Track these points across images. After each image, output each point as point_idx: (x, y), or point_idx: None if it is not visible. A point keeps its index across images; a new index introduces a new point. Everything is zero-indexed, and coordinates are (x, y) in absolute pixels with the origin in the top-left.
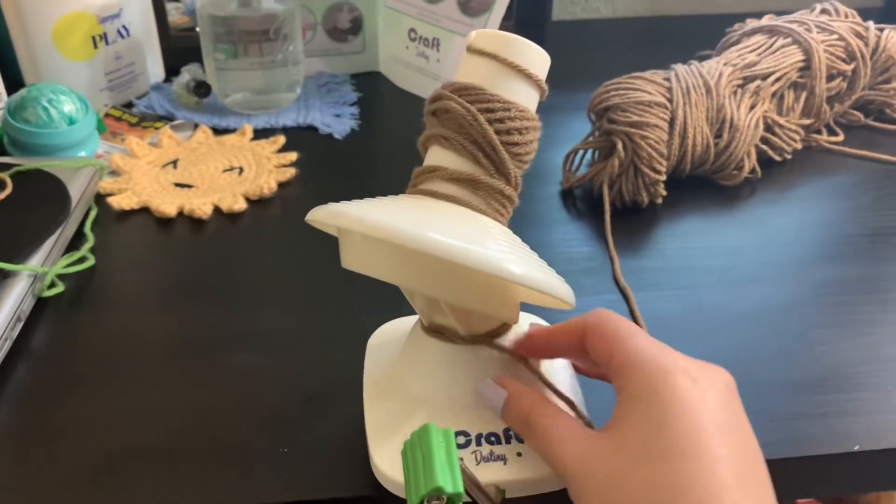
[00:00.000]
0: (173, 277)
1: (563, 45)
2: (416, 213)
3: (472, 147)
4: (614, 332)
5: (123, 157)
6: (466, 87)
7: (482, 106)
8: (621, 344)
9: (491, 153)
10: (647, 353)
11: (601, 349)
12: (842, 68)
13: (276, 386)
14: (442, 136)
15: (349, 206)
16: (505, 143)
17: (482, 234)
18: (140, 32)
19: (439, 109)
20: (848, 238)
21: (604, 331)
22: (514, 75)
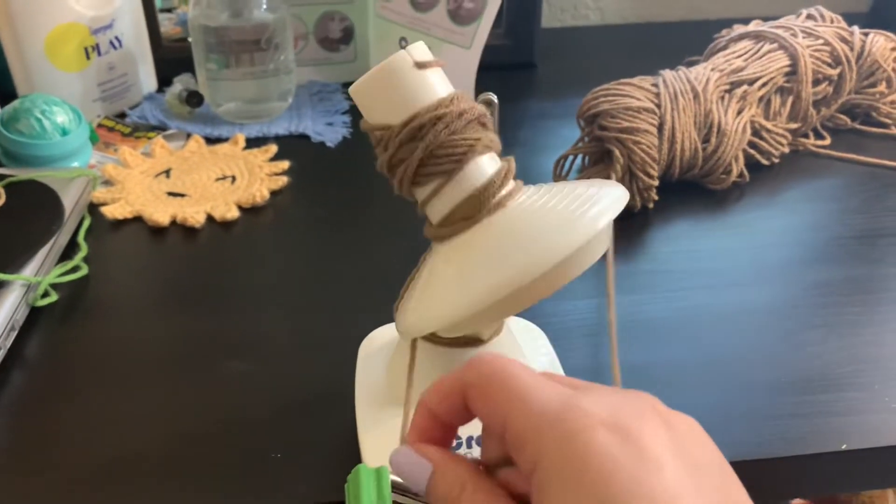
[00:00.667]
0: (166, 286)
1: (553, 53)
2: (515, 239)
3: (490, 145)
4: (499, 389)
5: (116, 167)
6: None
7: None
8: (513, 404)
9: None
10: (549, 410)
11: (490, 415)
12: (828, 73)
13: (269, 392)
14: (485, 145)
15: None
16: None
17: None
18: (132, 43)
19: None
20: (835, 240)
21: (487, 390)
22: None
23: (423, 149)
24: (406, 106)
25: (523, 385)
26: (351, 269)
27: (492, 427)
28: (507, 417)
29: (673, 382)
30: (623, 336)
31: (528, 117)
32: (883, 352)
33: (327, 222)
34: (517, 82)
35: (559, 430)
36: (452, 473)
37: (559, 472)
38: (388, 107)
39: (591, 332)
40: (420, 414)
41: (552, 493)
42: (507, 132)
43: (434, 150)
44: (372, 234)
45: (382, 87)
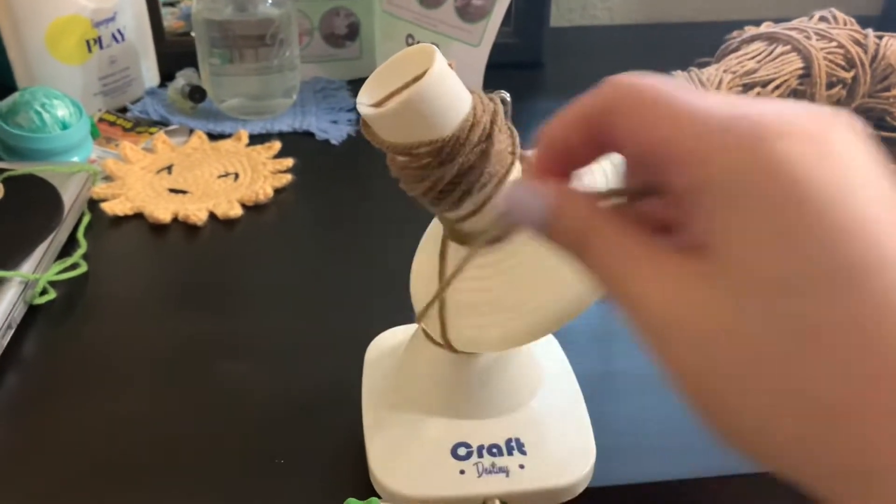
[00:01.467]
0: (167, 284)
1: (561, 53)
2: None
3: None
4: (653, 103)
5: (117, 163)
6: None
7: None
8: (673, 119)
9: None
10: (722, 116)
11: (637, 137)
12: (842, 75)
13: (273, 394)
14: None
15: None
16: None
17: None
18: (135, 37)
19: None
20: None
21: (637, 107)
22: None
23: (452, 174)
24: (431, 134)
25: (683, 96)
26: (355, 269)
27: (637, 153)
28: (663, 133)
29: None
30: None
31: (535, 117)
32: None
33: (331, 221)
34: (524, 81)
35: (736, 138)
36: (579, 204)
37: (735, 187)
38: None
39: (601, 335)
40: (538, 152)
41: (726, 214)
42: None
43: (459, 177)
44: (376, 234)
45: (418, 111)
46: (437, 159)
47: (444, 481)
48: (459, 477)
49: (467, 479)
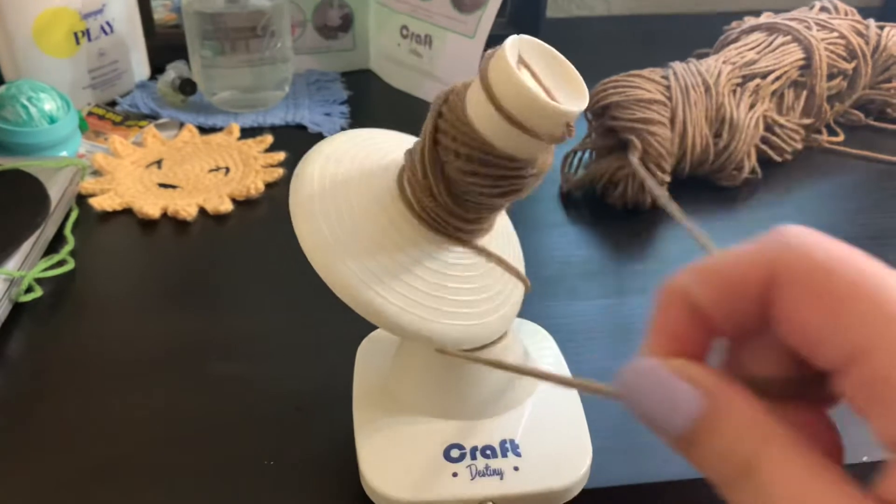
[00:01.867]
0: (156, 281)
1: (557, 44)
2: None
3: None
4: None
5: (106, 157)
6: None
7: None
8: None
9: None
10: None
11: (816, 324)
12: (843, 67)
13: (263, 394)
14: None
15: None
16: None
17: None
18: (124, 29)
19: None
20: (849, 241)
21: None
22: None
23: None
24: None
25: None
26: None
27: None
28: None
29: None
30: (629, 339)
31: None
32: None
33: None
34: None
35: None
36: (750, 421)
37: None
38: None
39: (598, 334)
40: (668, 309)
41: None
42: None
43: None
44: None
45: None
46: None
47: (435, 484)
48: (452, 479)
49: (460, 481)
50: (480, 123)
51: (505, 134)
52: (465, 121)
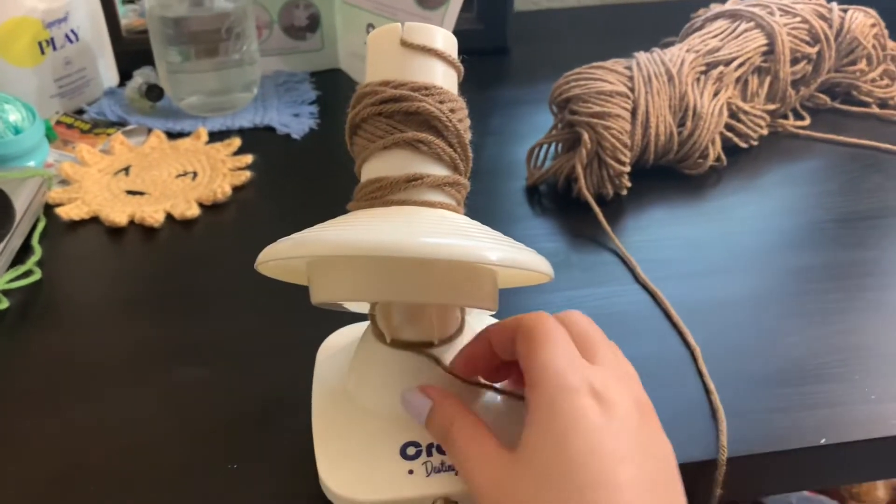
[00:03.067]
0: (124, 289)
1: (527, 37)
2: (395, 223)
3: (450, 150)
4: (532, 339)
5: (74, 166)
6: (427, 85)
7: (449, 105)
8: (534, 354)
9: (461, 153)
10: (554, 367)
11: (521, 358)
12: (806, 51)
13: (228, 399)
14: (418, 140)
15: (321, 233)
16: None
17: (461, 230)
18: (90, 36)
19: (400, 111)
20: (815, 225)
21: (527, 335)
22: (448, 66)
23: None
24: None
25: (550, 339)
26: None
27: (522, 367)
28: (527, 360)
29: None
30: None
31: (500, 104)
32: (863, 340)
33: (293, 218)
34: (490, 68)
35: (556, 384)
36: (446, 408)
37: (548, 414)
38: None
39: None
40: (477, 341)
41: (539, 427)
42: (478, 120)
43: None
44: None
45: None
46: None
47: (392, 483)
48: (408, 477)
49: (416, 479)
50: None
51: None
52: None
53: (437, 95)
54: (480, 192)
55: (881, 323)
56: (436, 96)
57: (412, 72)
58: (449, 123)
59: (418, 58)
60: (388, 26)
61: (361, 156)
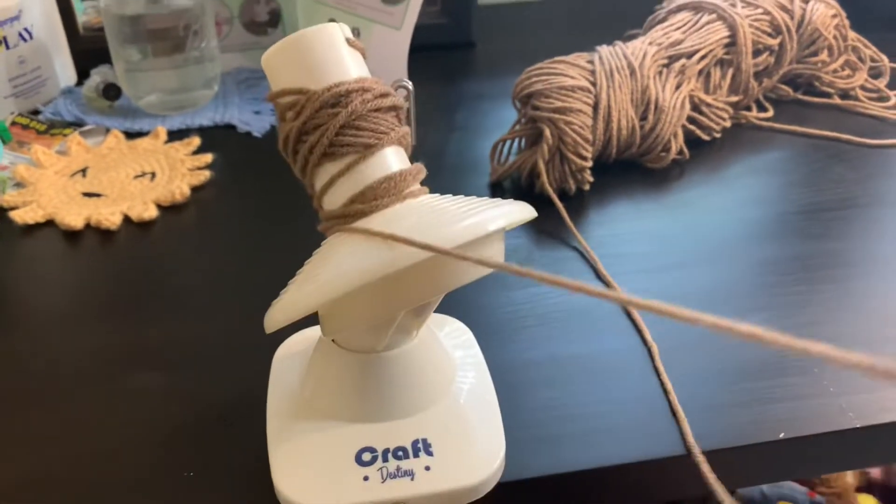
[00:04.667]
0: (80, 294)
1: (492, 31)
2: (399, 228)
3: (402, 140)
4: None
5: (29, 168)
6: (362, 81)
7: (388, 100)
8: None
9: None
10: None
11: None
12: (768, 43)
13: (186, 404)
14: (402, 136)
15: (347, 263)
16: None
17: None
18: (44, 34)
19: (392, 106)
20: (779, 216)
21: None
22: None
23: (346, 115)
24: (332, 72)
25: None
26: (278, 269)
27: None
28: None
29: (606, 374)
30: (558, 326)
31: (465, 99)
32: (823, 332)
33: (254, 219)
34: (454, 63)
35: None
36: None
37: None
38: (312, 71)
39: (528, 322)
40: None
41: None
42: (443, 115)
43: (356, 120)
44: (301, 231)
45: (311, 49)
46: (293, 110)
47: (346, 490)
48: (363, 484)
49: (371, 485)
50: None
51: None
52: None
53: (376, 89)
54: (445, 188)
55: (842, 315)
56: (374, 90)
57: (360, 68)
58: (404, 111)
59: (357, 54)
60: (325, 27)
61: (350, 157)
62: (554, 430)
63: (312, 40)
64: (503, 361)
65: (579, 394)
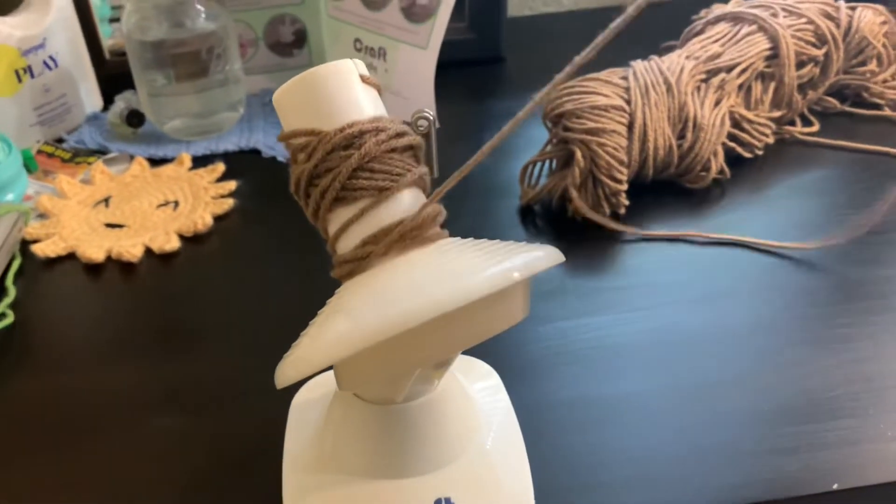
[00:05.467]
0: (100, 331)
1: (522, 45)
2: (415, 278)
3: (419, 181)
4: None
5: (52, 199)
6: (376, 120)
7: (405, 139)
8: None
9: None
10: None
11: None
12: (812, 53)
13: (205, 449)
14: (420, 176)
15: (369, 313)
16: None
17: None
18: (69, 62)
19: (409, 145)
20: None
21: None
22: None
23: (359, 157)
24: (344, 112)
25: None
26: (301, 302)
27: None
28: None
29: (641, 415)
30: (589, 364)
31: (493, 117)
32: (877, 369)
33: (277, 248)
34: (484, 78)
35: None
36: None
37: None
38: (323, 111)
39: (557, 361)
40: None
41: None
42: (472, 135)
43: (369, 163)
44: (328, 259)
45: (322, 88)
46: (305, 152)
47: None
48: None
49: None
50: None
51: None
52: None
53: (391, 129)
54: (473, 212)
55: (893, 352)
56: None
57: (375, 106)
58: (423, 150)
59: (372, 91)
60: (338, 64)
61: (364, 201)
62: (586, 478)
63: (324, 79)
64: (532, 402)
65: (612, 439)
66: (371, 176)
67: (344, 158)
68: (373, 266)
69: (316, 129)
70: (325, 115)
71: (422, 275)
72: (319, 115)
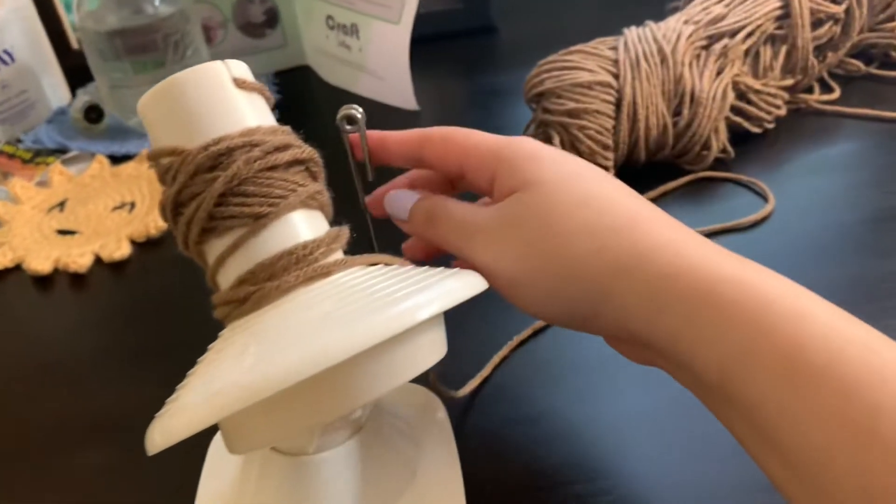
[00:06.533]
0: (41, 351)
1: (514, 12)
2: (307, 323)
3: (312, 201)
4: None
5: (6, 205)
6: (279, 126)
7: (287, 153)
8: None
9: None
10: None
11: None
12: (831, 10)
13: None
14: (310, 196)
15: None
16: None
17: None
18: (28, 55)
19: (294, 160)
20: (844, 227)
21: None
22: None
23: (224, 180)
24: (211, 127)
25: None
26: None
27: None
28: (465, 159)
29: (643, 441)
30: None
31: (484, 94)
32: None
33: None
34: (473, 52)
35: (514, 149)
36: (434, 196)
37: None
38: (186, 126)
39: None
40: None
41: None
42: (458, 115)
43: (239, 186)
44: None
45: (183, 97)
46: (170, 174)
47: None
48: None
49: None
50: None
51: None
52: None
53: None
54: None
55: None
56: (293, 134)
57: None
58: (318, 164)
59: (254, 97)
60: (204, 67)
61: (237, 231)
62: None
63: (187, 86)
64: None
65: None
66: (244, 201)
67: (209, 182)
68: (257, 307)
69: (178, 148)
70: (188, 129)
71: (312, 315)
72: (184, 131)
